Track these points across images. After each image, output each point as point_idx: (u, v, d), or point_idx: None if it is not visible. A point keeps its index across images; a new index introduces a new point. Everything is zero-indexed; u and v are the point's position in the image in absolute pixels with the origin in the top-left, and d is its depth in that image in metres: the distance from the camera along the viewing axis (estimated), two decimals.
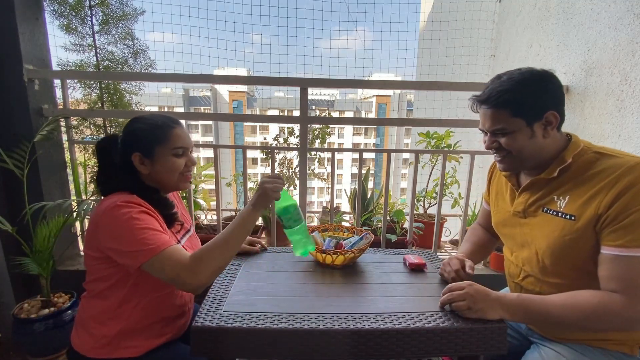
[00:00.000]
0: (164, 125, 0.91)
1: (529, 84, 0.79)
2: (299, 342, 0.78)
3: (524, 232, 0.91)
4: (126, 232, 0.78)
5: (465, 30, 2.89)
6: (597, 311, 0.72)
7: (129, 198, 0.84)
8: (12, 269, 1.49)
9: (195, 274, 0.78)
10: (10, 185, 1.63)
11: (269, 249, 1.30)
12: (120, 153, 0.90)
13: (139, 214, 0.81)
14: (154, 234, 0.80)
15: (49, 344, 1.43)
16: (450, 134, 2.05)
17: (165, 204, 0.94)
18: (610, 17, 1.45)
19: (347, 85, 1.96)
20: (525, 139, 0.81)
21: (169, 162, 0.91)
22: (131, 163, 0.90)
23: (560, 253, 0.81)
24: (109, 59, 2.10)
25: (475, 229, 1.20)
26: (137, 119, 0.92)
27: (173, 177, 0.93)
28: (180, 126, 0.95)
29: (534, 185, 0.88)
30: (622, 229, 0.71)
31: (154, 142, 0.90)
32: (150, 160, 0.90)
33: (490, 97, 0.82)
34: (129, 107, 2.13)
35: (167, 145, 0.90)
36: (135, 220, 0.80)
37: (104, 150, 0.93)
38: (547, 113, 0.79)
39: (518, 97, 0.79)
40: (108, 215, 0.80)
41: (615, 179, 0.74)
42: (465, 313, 0.81)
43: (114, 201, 0.81)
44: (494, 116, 0.82)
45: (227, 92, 24.58)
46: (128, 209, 0.81)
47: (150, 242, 0.78)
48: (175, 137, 0.92)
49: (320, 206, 2.73)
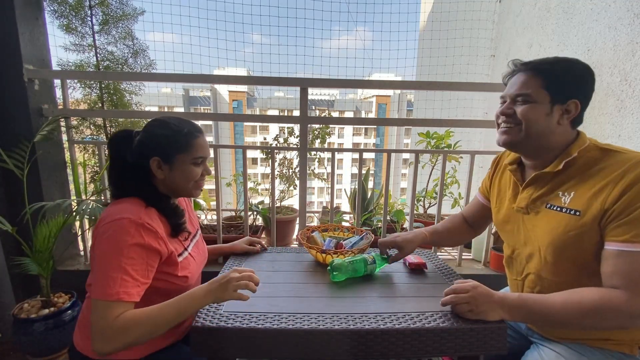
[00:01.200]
0: (189, 133, 0.90)
1: (571, 66, 0.82)
2: (299, 342, 0.78)
3: (526, 228, 0.90)
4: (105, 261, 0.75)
5: (465, 30, 2.89)
6: (598, 308, 0.72)
7: (137, 216, 0.80)
8: (12, 269, 1.49)
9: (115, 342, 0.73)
10: (10, 185, 1.63)
11: (269, 249, 1.30)
12: (136, 153, 0.88)
13: (130, 248, 0.76)
14: (123, 281, 0.75)
15: (49, 344, 1.43)
16: (450, 134, 2.04)
17: (176, 213, 0.92)
18: (610, 17, 1.45)
19: (347, 85, 1.96)
20: (541, 114, 0.82)
21: (187, 170, 0.90)
22: (146, 165, 0.88)
23: (564, 249, 0.80)
24: (109, 59, 2.10)
25: (456, 217, 1.21)
26: (161, 123, 0.90)
27: (188, 184, 0.92)
28: (203, 135, 0.94)
29: (538, 180, 0.88)
30: (627, 224, 0.71)
31: (176, 149, 0.88)
32: (168, 166, 0.89)
33: (532, 62, 0.85)
34: (129, 107, 2.13)
35: (189, 154, 0.90)
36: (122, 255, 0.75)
37: (118, 146, 0.90)
38: (571, 100, 0.81)
39: (556, 71, 0.81)
40: (106, 231, 0.78)
41: (621, 174, 0.74)
42: (467, 315, 0.81)
43: (121, 215, 0.78)
44: (526, 81, 0.84)
45: (227, 92, 24.56)
46: (126, 235, 0.77)
47: (111, 286, 0.74)
48: (198, 146, 0.91)
49: (320, 206, 2.73)
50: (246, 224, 1.79)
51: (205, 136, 0.96)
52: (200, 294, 0.80)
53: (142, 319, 0.75)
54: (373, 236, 1.21)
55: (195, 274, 0.97)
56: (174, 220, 0.91)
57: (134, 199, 0.86)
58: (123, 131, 0.92)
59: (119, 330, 0.73)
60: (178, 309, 0.78)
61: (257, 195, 2.39)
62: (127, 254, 0.76)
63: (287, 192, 2.28)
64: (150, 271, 0.81)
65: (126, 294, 0.75)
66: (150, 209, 0.86)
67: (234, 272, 0.84)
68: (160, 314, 0.77)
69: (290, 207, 2.28)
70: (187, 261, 0.94)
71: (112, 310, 0.73)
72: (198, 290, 0.81)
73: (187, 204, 1.12)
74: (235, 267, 0.89)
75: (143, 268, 0.79)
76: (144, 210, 0.83)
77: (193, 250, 1.00)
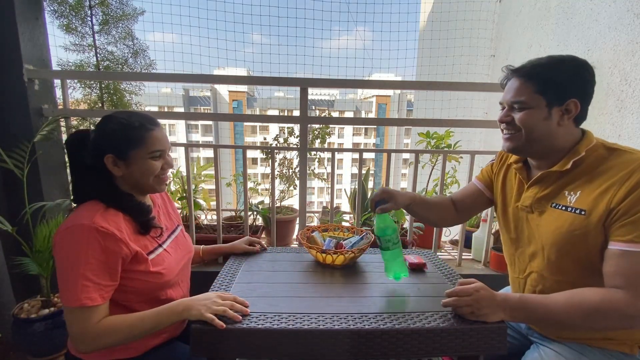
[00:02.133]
0: (141, 127, 0.86)
1: (563, 66, 0.80)
2: (299, 342, 0.78)
3: (530, 227, 0.90)
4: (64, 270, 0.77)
5: (465, 30, 2.89)
6: (600, 309, 0.72)
7: (91, 220, 0.78)
8: (12, 269, 1.49)
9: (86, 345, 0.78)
10: (10, 185, 1.63)
11: (269, 249, 1.30)
12: (91, 153, 0.86)
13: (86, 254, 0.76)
14: (83, 286, 0.75)
15: (49, 344, 1.43)
16: (450, 134, 2.04)
17: (140, 210, 0.90)
18: (610, 17, 1.45)
19: (347, 85, 1.95)
20: (539, 119, 0.81)
21: (145, 165, 0.87)
22: (103, 164, 0.85)
23: (568, 249, 0.80)
24: (109, 59, 2.11)
25: (444, 197, 1.17)
26: (110, 118, 0.87)
27: (148, 180, 0.89)
28: (159, 128, 0.90)
29: (544, 179, 0.87)
30: (632, 223, 0.71)
31: (128, 144, 0.85)
32: (124, 162, 0.86)
33: (523, 67, 0.83)
34: (129, 107, 2.13)
35: (144, 148, 0.86)
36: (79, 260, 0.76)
37: (74, 148, 0.88)
38: (569, 100, 0.79)
39: (547, 74, 0.80)
40: (61, 239, 0.78)
41: (628, 174, 0.73)
42: (468, 316, 0.81)
43: (74, 222, 0.78)
44: (519, 88, 0.83)
45: (227, 92, 24.56)
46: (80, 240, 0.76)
47: (73, 292, 0.75)
48: (153, 140, 0.87)
49: (320, 206, 2.72)
50: (246, 224, 1.79)
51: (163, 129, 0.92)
52: (178, 309, 0.83)
53: (120, 327, 0.79)
54: (372, 236, 1.21)
55: (173, 270, 0.94)
56: (140, 218, 0.89)
57: (93, 202, 0.84)
58: (79, 131, 0.90)
59: (97, 335, 0.77)
60: (156, 321, 0.82)
61: (257, 195, 2.39)
62: (84, 260, 0.76)
63: (287, 192, 2.28)
64: (112, 273, 0.80)
65: (88, 299, 0.76)
66: (110, 210, 0.84)
67: (217, 297, 0.85)
68: (139, 324, 0.81)
69: (290, 207, 2.28)
70: (162, 257, 0.92)
71: (80, 315, 0.76)
72: (178, 305, 0.84)
73: (165, 200, 1.09)
74: (220, 293, 0.88)
75: (103, 271, 0.78)
76: (100, 214, 0.81)
77: (170, 245, 0.98)
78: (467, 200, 1.12)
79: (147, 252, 0.89)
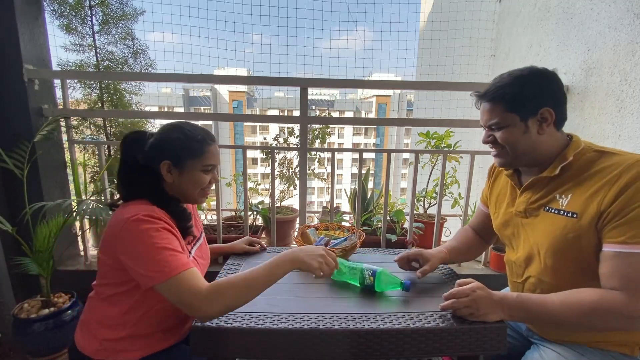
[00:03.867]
0: (202, 140, 0.91)
1: (525, 81, 0.82)
2: (299, 342, 0.78)
3: (526, 232, 0.91)
4: (144, 251, 0.77)
5: (465, 30, 2.89)
6: (597, 309, 0.72)
7: (151, 211, 0.82)
8: (12, 269, 1.49)
9: (209, 305, 0.75)
10: (10, 185, 1.63)
11: (269, 249, 1.30)
12: (147, 155, 0.89)
13: (159, 232, 0.79)
14: (172, 255, 0.78)
15: (49, 344, 1.43)
16: (450, 134, 2.04)
17: (184, 216, 0.93)
18: (610, 17, 1.45)
19: (347, 85, 1.95)
20: (518, 134, 0.83)
21: (196, 176, 0.91)
22: (156, 168, 0.88)
23: (563, 252, 0.81)
24: (109, 59, 2.11)
25: (466, 231, 1.19)
26: (176, 128, 0.91)
27: (195, 191, 0.93)
28: (215, 143, 0.95)
29: (535, 184, 0.88)
30: (624, 225, 0.71)
31: (187, 154, 0.89)
32: (178, 171, 0.90)
33: (487, 92, 0.86)
34: (129, 107, 2.13)
35: (200, 160, 0.91)
36: (155, 239, 0.78)
37: (130, 147, 0.91)
38: (541, 109, 0.81)
39: (512, 93, 0.82)
40: (128, 229, 0.78)
41: (617, 175, 0.74)
42: (467, 317, 0.81)
43: (136, 213, 0.79)
44: (490, 110, 0.86)
45: (227, 92, 24.56)
46: (149, 224, 0.79)
47: (168, 264, 0.76)
48: (210, 154, 0.92)
49: (320, 206, 2.72)
50: (246, 224, 1.79)
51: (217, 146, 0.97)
52: (285, 260, 0.84)
53: (236, 281, 0.79)
54: (357, 240, 1.20)
55: None
56: (182, 223, 0.92)
57: (144, 201, 0.87)
58: (136, 132, 0.93)
59: (214, 292, 0.76)
60: (269, 272, 0.82)
61: (257, 195, 2.39)
62: (159, 237, 0.78)
63: (287, 192, 2.28)
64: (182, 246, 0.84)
65: (183, 265, 0.77)
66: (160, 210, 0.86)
67: (322, 250, 0.89)
68: (252, 277, 0.80)
69: (290, 207, 2.28)
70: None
71: (185, 280, 0.76)
72: (286, 255, 0.85)
73: (193, 209, 1.12)
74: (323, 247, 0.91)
75: (177, 244, 0.82)
76: (156, 210, 0.84)
77: (196, 253, 1.01)
78: (483, 226, 1.14)
79: None
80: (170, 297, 0.76)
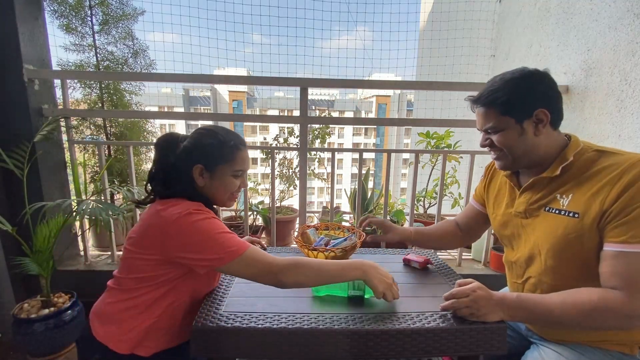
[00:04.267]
0: (235, 145, 0.92)
1: (517, 83, 0.82)
2: (298, 342, 0.78)
3: (526, 232, 0.90)
4: (208, 238, 0.80)
5: (465, 30, 2.89)
6: (597, 308, 0.72)
7: (198, 205, 0.85)
8: (12, 269, 1.49)
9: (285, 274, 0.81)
10: (10, 185, 1.63)
11: (269, 249, 1.30)
12: (181, 158, 0.90)
13: (213, 220, 0.83)
14: (234, 237, 0.82)
15: (49, 344, 1.43)
16: (450, 134, 2.05)
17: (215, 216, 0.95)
18: (610, 17, 1.45)
19: (347, 85, 1.96)
20: (515, 137, 0.83)
21: (227, 181, 0.93)
22: (188, 171, 0.90)
23: (564, 252, 0.80)
24: (109, 59, 2.11)
25: (448, 221, 1.20)
26: (209, 132, 0.93)
27: (225, 195, 0.95)
28: (246, 149, 0.96)
29: (535, 184, 0.88)
30: (625, 224, 0.71)
31: (220, 159, 0.91)
32: (209, 174, 0.91)
33: (481, 97, 0.86)
34: (129, 107, 2.13)
35: (231, 165, 0.92)
36: (213, 225, 0.81)
37: (164, 149, 0.92)
38: (536, 111, 0.81)
39: (505, 96, 0.81)
40: (182, 225, 0.80)
41: (618, 175, 0.74)
42: (468, 317, 0.81)
43: (187, 209, 0.81)
44: (485, 115, 0.86)
45: (227, 92, 24.57)
46: (202, 215, 0.82)
47: (237, 242, 0.81)
48: (241, 159, 0.93)
49: (320, 206, 2.73)
50: (246, 224, 1.79)
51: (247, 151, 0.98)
52: (362, 269, 0.85)
53: (312, 263, 0.84)
54: (357, 240, 1.20)
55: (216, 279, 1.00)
56: None
57: (182, 199, 0.88)
58: (169, 134, 0.95)
59: (292, 266, 0.81)
60: (342, 270, 0.84)
61: (257, 195, 2.39)
62: (215, 223, 0.82)
63: (287, 192, 2.28)
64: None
65: (244, 245, 0.81)
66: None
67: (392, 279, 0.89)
68: (326, 266, 0.84)
69: (290, 207, 2.28)
70: None
71: (254, 255, 0.81)
72: (362, 265, 0.86)
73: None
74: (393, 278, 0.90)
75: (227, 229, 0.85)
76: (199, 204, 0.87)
77: None
78: (470, 221, 1.15)
79: None
80: (247, 270, 0.81)
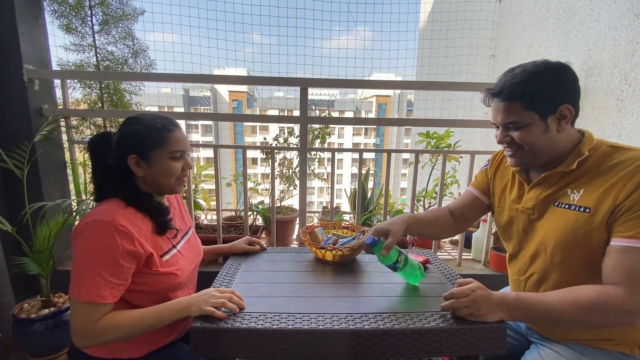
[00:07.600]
0: (163, 127, 0.89)
1: (543, 76, 0.78)
2: (299, 342, 0.78)
3: (532, 228, 0.89)
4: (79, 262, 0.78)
5: (465, 30, 2.89)
6: (596, 305, 0.71)
7: (112, 218, 0.79)
8: (12, 269, 1.49)
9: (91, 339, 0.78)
10: (10, 185, 1.63)
11: (269, 249, 1.30)
12: (114, 154, 0.88)
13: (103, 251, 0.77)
14: (95, 283, 0.76)
15: (49, 344, 1.43)
16: (450, 134, 2.04)
17: (159, 210, 0.92)
18: (610, 17, 1.45)
19: (347, 85, 1.95)
20: (538, 133, 0.80)
21: (166, 166, 0.90)
22: (126, 164, 0.88)
23: (571, 248, 0.79)
24: (109, 59, 2.10)
25: (441, 209, 1.14)
26: (134, 120, 0.90)
27: (169, 180, 0.92)
28: (179, 129, 0.93)
29: (547, 179, 0.86)
30: (635, 219, 0.71)
31: (151, 145, 0.87)
32: (146, 163, 0.88)
33: (503, 90, 0.81)
34: (129, 107, 2.13)
35: (165, 148, 0.89)
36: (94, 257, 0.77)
37: (97, 149, 0.90)
38: (561, 106, 0.78)
39: (531, 90, 0.78)
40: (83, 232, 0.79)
41: (633, 170, 0.73)
42: (467, 317, 0.81)
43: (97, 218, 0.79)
44: (507, 109, 0.81)
45: (227, 92, 24.56)
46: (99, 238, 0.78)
47: (87, 287, 0.76)
48: (174, 140, 0.90)
49: (320, 206, 2.72)
50: (246, 224, 1.79)
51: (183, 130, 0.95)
52: (180, 307, 0.83)
53: (122, 324, 0.79)
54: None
55: (185, 271, 0.96)
56: (158, 218, 0.91)
57: (115, 199, 0.86)
58: (101, 133, 0.93)
59: (98, 332, 0.77)
60: (158, 318, 0.82)
61: (257, 195, 2.39)
62: (100, 257, 0.77)
63: (287, 192, 2.28)
64: (126, 272, 0.81)
65: (98, 296, 0.76)
66: (130, 209, 0.85)
67: (215, 291, 0.86)
68: (140, 321, 0.81)
69: (290, 207, 2.28)
70: (176, 258, 0.94)
71: (85, 310, 0.77)
72: (180, 302, 0.84)
73: (179, 202, 1.11)
74: (218, 287, 0.90)
75: (117, 270, 0.79)
76: (121, 212, 0.83)
77: (184, 247, 1.00)
78: (465, 209, 1.11)
79: (162, 252, 0.90)
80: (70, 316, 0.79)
